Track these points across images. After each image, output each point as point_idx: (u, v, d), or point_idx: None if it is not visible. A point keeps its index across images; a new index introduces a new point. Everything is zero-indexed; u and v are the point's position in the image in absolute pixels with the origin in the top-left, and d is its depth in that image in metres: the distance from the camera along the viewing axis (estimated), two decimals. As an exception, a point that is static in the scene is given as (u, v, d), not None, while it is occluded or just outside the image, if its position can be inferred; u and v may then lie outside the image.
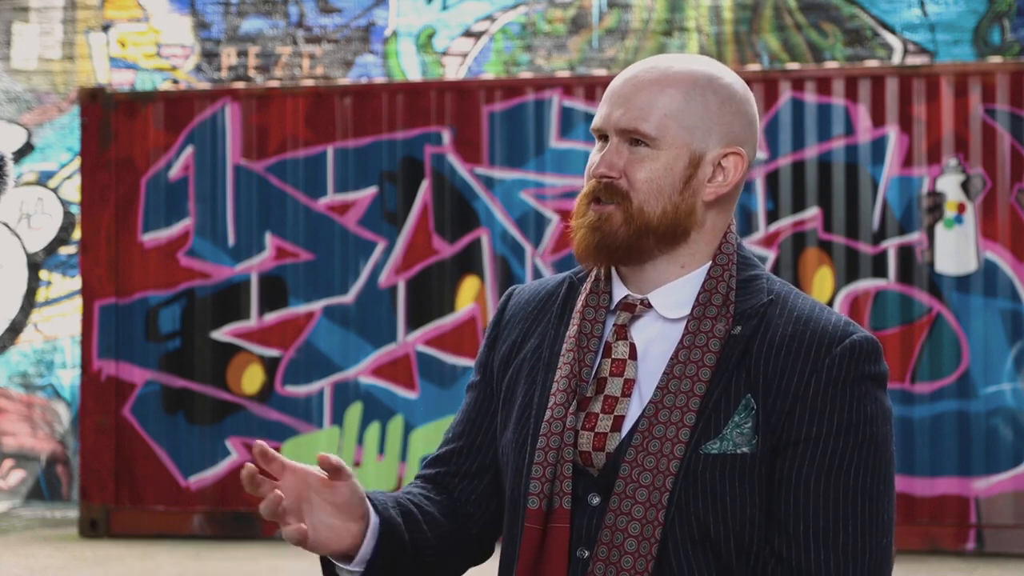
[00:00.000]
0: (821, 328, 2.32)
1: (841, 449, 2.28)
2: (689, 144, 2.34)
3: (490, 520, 2.49)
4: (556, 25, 11.51)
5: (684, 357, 2.32)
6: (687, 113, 2.34)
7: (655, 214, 2.33)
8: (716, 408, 2.30)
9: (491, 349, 2.50)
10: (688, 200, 2.35)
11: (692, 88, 2.35)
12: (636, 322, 2.38)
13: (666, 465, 2.28)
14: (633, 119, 2.34)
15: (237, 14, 11.91)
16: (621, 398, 2.34)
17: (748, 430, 2.29)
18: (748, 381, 2.30)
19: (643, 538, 2.27)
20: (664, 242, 2.36)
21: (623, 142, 2.36)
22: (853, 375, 2.30)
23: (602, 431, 2.33)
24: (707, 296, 2.35)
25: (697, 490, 2.28)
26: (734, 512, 2.28)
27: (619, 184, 2.35)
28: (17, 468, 11.89)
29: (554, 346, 2.42)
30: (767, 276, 2.40)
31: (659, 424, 2.29)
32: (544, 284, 2.53)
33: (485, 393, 2.49)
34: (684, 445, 2.28)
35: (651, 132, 2.33)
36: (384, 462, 9.76)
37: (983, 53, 10.87)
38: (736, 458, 2.28)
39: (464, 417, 2.51)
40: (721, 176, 2.37)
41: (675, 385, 2.31)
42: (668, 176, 2.34)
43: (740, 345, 2.32)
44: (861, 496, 2.27)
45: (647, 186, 2.34)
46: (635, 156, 2.35)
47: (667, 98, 2.34)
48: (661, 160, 2.34)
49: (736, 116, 2.37)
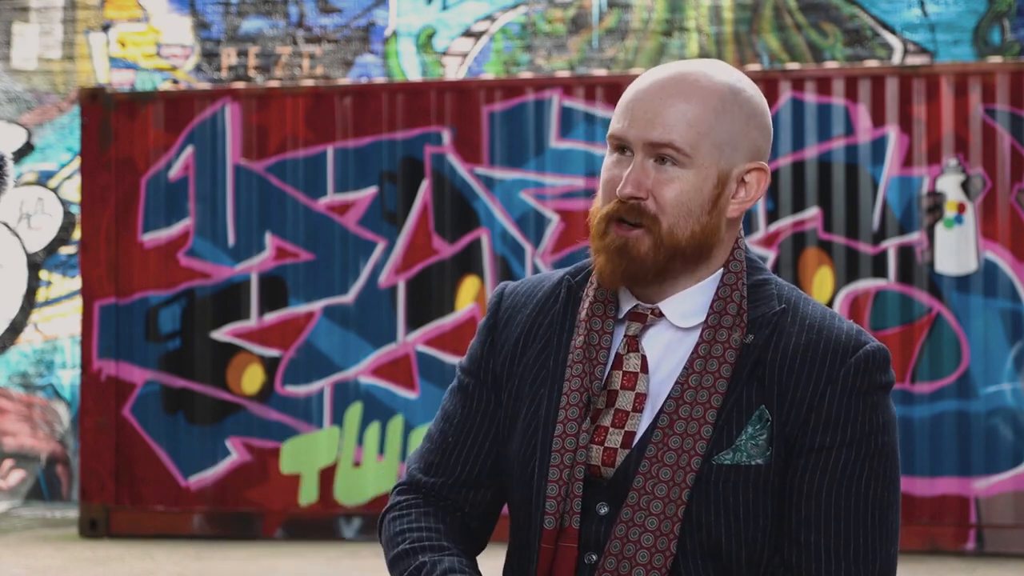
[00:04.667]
0: (835, 337, 2.29)
1: (854, 459, 2.26)
2: (718, 162, 2.27)
3: (490, 524, 2.46)
4: (556, 25, 11.50)
5: (700, 367, 2.28)
6: (719, 131, 2.26)
7: (684, 236, 2.26)
8: (729, 418, 2.27)
9: (490, 353, 2.42)
10: (715, 219, 2.29)
11: (721, 103, 2.27)
12: (647, 332, 2.33)
13: (683, 478, 2.25)
14: (665, 134, 2.25)
15: (237, 14, 11.90)
16: (632, 412, 2.30)
17: (763, 442, 2.26)
18: (762, 391, 2.27)
19: (656, 550, 2.25)
20: (690, 262, 2.30)
21: (648, 158, 2.27)
22: (867, 386, 2.28)
23: (612, 446, 2.29)
24: (722, 305, 2.30)
25: (708, 500, 2.26)
26: (745, 523, 2.26)
27: (647, 206, 2.26)
28: (17, 468, 11.88)
29: (559, 356, 2.36)
30: (775, 280, 2.37)
31: (675, 435, 2.26)
32: (539, 283, 2.45)
33: (484, 397, 2.42)
34: (701, 458, 2.25)
35: (685, 148, 2.25)
36: (384, 462, 9.75)
37: (983, 53, 10.87)
38: (750, 470, 2.26)
39: (463, 424, 2.42)
40: (744, 192, 2.31)
41: (691, 396, 2.27)
42: (698, 197, 2.27)
43: (753, 354, 2.28)
44: (872, 506, 2.26)
45: (676, 209, 2.26)
46: (663, 176, 2.26)
47: (697, 113, 2.26)
48: (690, 180, 2.26)
49: (760, 131, 2.32)
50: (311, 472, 9.82)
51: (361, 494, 9.76)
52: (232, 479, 9.85)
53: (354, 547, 9.48)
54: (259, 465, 9.86)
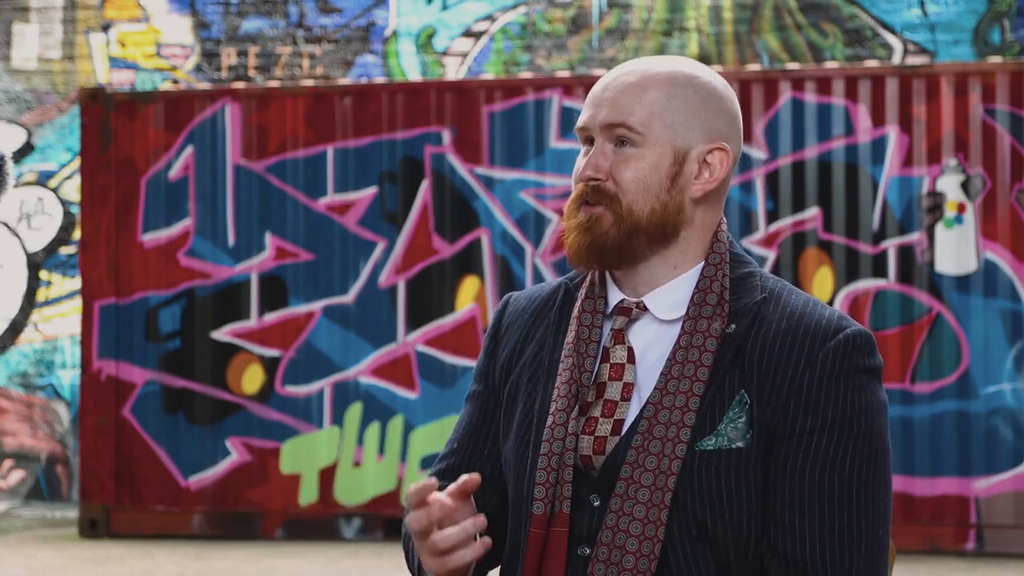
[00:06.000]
0: (815, 322, 2.33)
1: (836, 441, 2.29)
2: (673, 141, 2.36)
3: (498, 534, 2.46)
4: (556, 25, 11.51)
5: (682, 358, 2.33)
6: (670, 111, 2.37)
7: (644, 213, 2.35)
8: (711, 405, 2.31)
9: (491, 358, 2.51)
10: (676, 198, 2.37)
11: (673, 87, 2.38)
12: (633, 325, 2.39)
13: (668, 465, 2.29)
14: (619, 114, 2.36)
15: (237, 14, 11.91)
16: (620, 402, 2.35)
17: (742, 425, 2.30)
18: (742, 377, 2.31)
19: (645, 537, 2.28)
20: (655, 241, 2.37)
21: (607, 142, 2.38)
22: (847, 368, 2.31)
23: (602, 435, 2.34)
24: (702, 296, 2.36)
25: (694, 486, 2.29)
26: (731, 508, 2.29)
27: (606, 186, 2.37)
28: (17, 468, 11.89)
29: (553, 352, 2.43)
30: (760, 273, 2.41)
31: (659, 424, 2.31)
32: (540, 290, 2.54)
33: (489, 403, 2.50)
34: (685, 445, 2.29)
35: (638, 127, 2.35)
36: (384, 462, 9.76)
37: (983, 53, 10.87)
38: (731, 453, 2.29)
39: (469, 428, 2.51)
40: (708, 172, 2.39)
41: (674, 386, 2.32)
42: (655, 174, 2.36)
43: (734, 343, 2.33)
44: (857, 487, 2.28)
45: (635, 185, 2.36)
46: (621, 156, 2.37)
47: (649, 97, 2.37)
48: (647, 159, 2.36)
49: (718, 113, 2.39)
50: (311, 472, 9.82)
51: (361, 494, 9.76)
52: (232, 479, 9.85)
53: (354, 547, 9.48)
54: (259, 465, 9.86)
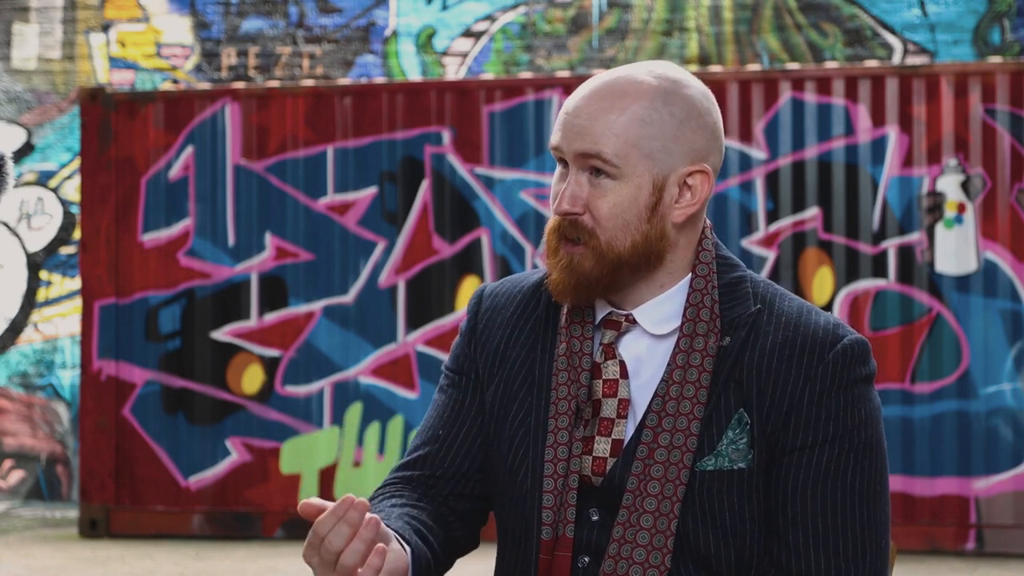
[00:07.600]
0: (812, 333, 2.29)
1: (837, 455, 2.26)
2: (651, 170, 2.27)
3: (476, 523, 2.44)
4: (556, 25, 11.50)
5: (679, 377, 2.28)
6: (646, 138, 2.26)
7: (625, 247, 2.28)
8: (709, 423, 2.27)
9: (471, 352, 2.43)
10: (657, 226, 2.29)
11: (649, 109, 2.27)
12: (622, 339, 2.34)
13: (672, 491, 2.25)
14: (593, 144, 2.27)
15: (237, 14, 11.90)
16: (617, 419, 2.30)
17: (744, 445, 2.27)
18: (740, 392, 2.27)
19: (650, 565, 2.24)
20: (639, 270, 2.30)
21: (582, 171, 2.29)
22: (847, 381, 2.27)
23: (601, 455, 2.30)
24: (694, 311, 2.30)
25: (695, 507, 2.26)
26: (732, 528, 2.27)
27: (584, 220, 2.28)
28: (17, 468, 11.88)
29: (543, 363, 2.36)
30: (750, 277, 2.35)
31: (660, 448, 2.26)
32: (518, 284, 2.46)
33: (468, 393, 2.43)
34: (688, 470, 2.25)
35: (613, 160, 2.26)
36: (384, 462, 9.75)
37: (983, 53, 10.87)
38: (733, 474, 2.26)
39: (444, 419, 2.43)
40: (689, 195, 2.30)
41: (672, 407, 2.27)
42: (633, 207, 2.27)
43: (730, 357, 2.28)
44: (859, 500, 2.26)
45: (612, 221, 2.27)
46: (597, 190, 2.28)
47: (624, 123, 2.26)
48: (624, 191, 2.27)
49: (697, 131, 2.30)
50: (311, 472, 9.82)
51: (361, 494, 9.71)
52: (232, 479, 9.85)
53: (354, 547, 9.47)
54: (259, 465, 9.86)
